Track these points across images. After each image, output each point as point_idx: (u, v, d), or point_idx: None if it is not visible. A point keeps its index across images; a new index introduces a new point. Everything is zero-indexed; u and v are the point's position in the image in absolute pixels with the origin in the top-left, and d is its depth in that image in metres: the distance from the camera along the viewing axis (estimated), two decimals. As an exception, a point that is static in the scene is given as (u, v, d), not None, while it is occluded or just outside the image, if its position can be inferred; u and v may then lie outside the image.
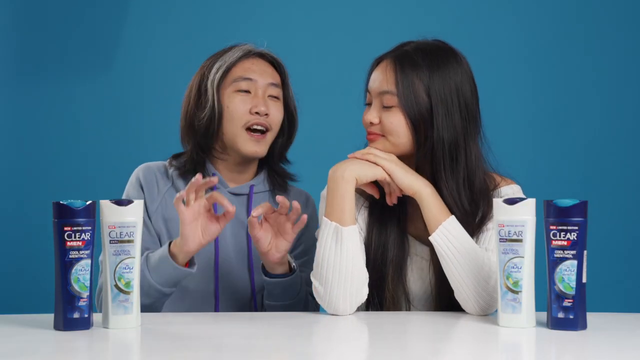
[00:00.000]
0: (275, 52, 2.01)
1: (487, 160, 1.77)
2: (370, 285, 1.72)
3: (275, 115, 1.93)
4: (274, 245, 1.77)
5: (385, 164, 1.69)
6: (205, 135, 1.92)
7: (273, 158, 2.00)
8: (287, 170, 2.03)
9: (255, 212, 1.74)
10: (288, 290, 1.83)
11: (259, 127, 1.91)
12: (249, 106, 1.90)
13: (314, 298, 2.00)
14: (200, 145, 1.93)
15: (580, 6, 3.18)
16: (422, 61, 1.70)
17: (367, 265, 1.73)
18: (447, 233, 1.62)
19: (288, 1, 3.21)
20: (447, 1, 3.20)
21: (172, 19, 3.19)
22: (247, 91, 1.91)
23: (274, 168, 2.01)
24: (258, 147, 1.91)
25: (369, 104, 1.76)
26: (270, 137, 1.93)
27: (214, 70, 1.92)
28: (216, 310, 1.90)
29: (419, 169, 1.74)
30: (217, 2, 3.19)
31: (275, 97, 1.94)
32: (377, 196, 1.74)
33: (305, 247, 2.01)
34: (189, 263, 1.77)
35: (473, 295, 1.62)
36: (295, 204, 1.75)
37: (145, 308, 1.78)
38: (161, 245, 1.87)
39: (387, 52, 1.76)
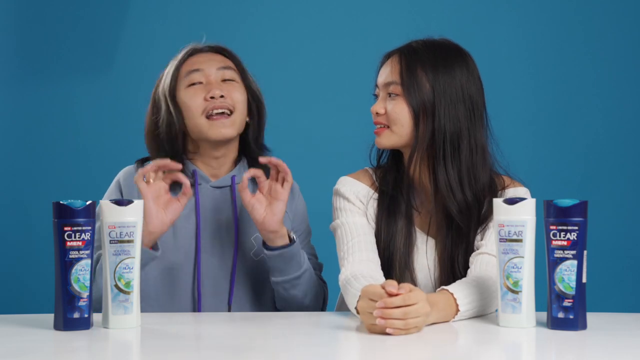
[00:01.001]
0: (222, 43, 2.00)
1: (496, 160, 1.81)
2: None
3: (234, 95, 1.91)
4: (269, 210, 1.79)
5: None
6: (170, 139, 1.92)
7: (249, 146, 1.98)
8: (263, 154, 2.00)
9: (247, 175, 1.78)
10: (290, 262, 1.83)
11: (219, 111, 1.89)
12: (202, 95, 1.90)
13: (321, 279, 2.00)
14: (168, 153, 1.92)
15: (580, 6, 3.18)
16: (428, 56, 1.76)
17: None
18: (464, 312, 1.59)
19: (288, 1, 3.21)
20: (448, 1, 3.20)
21: (172, 19, 3.18)
22: (200, 82, 1.91)
23: (252, 156, 1.98)
24: (224, 129, 1.89)
25: (377, 98, 1.82)
26: (237, 117, 1.91)
27: (164, 77, 1.95)
28: (198, 309, 1.89)
29: (420, 161, 1.77)
30: (216, 2, 3.19)
31: (230, 80, 1.93)
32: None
33: (300, 234, 2.00)
34: (153, 248, 1.79)
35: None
36: (276, 160, 1.79)
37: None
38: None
39: (395, 49, 1.82)
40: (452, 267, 1.77)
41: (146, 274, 1.84)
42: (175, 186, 1.86)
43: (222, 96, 1.89)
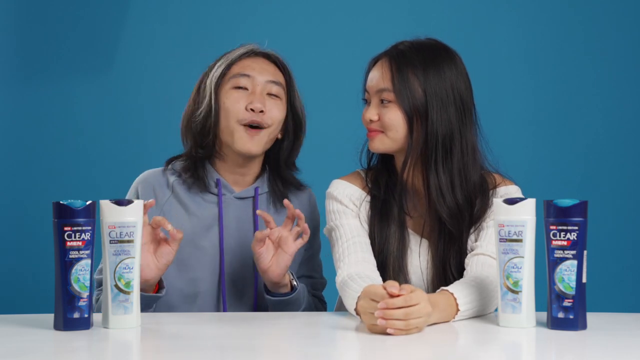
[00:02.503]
0: (280, 53, 1.97)
1: (486, 157, 1.80)
2: None
3: (274, 113, 1.88)
4: (275, 261, 1.76)
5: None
6: (202, 133, 1.88)
7: (278, 162, 1.96)
8: (292, 178, 1.98)
9: (260, 212, 1.76)
10: (291, 306, 1.82)
11: (254, 124, 1.86)
12: (245, 103, 1.86)
13: (321, 301, 2.00)
14: (198, 143, 1.90)
15: (580, 6, 3.18)
16: (417, 58, 1.75)
17: None
18: (464, 312, 1.60)
19: (288, 2, 3.21)
20: (448, 1, 3.20)
21: (172, 19, 3.18)
22: (246, 88, 1.88)
23: (279, 173, 1.96)
24: (252, 144, 1.86)
25: (368, 103, 1.80)
26: (265, 135, 1.87)
27: (215, 68, 1.90)
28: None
29: (413, 166, 1.77)
30: (217, 2, 3.19)
31: (275, 96, 1.89)
32: None
33: (312, 252, 2.01)
34: (159, 287, 1.77)
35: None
36: (299, 213, 1.75)
37: None
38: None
39: (383, 52, 1.81)
40: (444, 269, 1.77)
41: (170, 284, 1.84)
42: (195, 188, 1.88)
43: (261, 111, 1.86)
